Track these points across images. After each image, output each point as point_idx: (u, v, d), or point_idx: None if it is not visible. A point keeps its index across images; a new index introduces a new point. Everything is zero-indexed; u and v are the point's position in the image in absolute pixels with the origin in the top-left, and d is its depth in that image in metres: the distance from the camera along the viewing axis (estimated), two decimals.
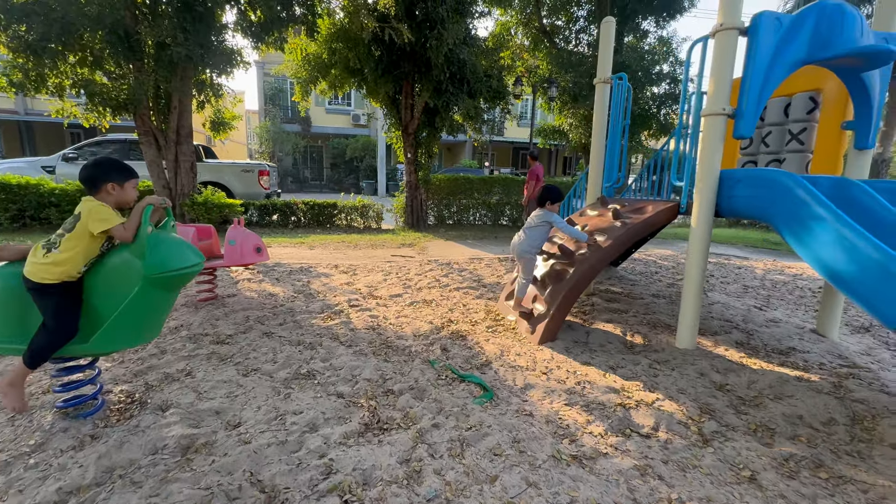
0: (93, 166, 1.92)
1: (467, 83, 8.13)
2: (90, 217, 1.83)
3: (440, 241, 8.25)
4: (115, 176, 1.92)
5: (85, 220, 1.83)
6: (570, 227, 3.33)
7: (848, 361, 3.07)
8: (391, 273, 5.30)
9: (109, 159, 1.99)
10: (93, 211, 1.84)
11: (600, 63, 4.15)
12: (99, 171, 1.91)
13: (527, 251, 3.36)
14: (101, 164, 1.93)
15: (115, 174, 1.93)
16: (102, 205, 1.88)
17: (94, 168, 1.92)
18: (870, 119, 3.05)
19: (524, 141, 27.27)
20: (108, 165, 1.94)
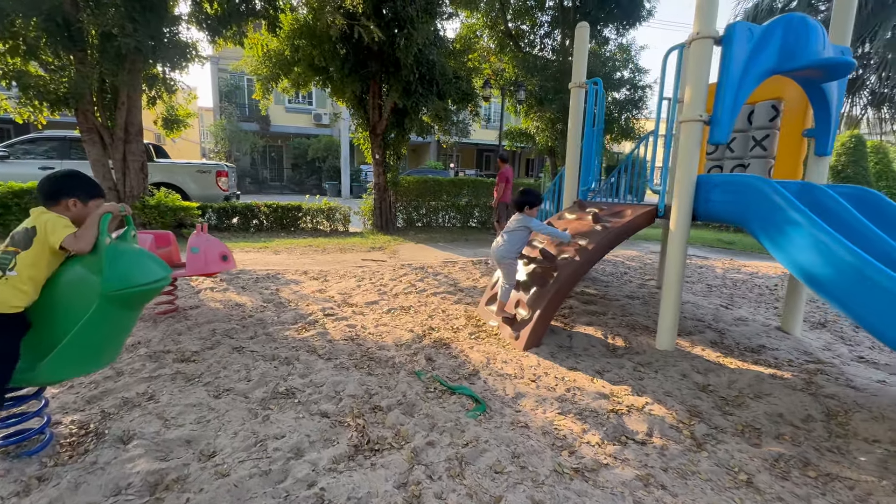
0: (60, 179, 1.73)
1: (437, 84, 8.05)
2: (49, 228, 1.61)
3: (411, 244, 8.12)
4: (81, 192, 1.74)
5: (43, 234, 1.61)
6: (550, 228, 3.32)
7: (813, 357, 3.23)
8: (364, 279, 5.12)
9: (78, 173, 1.79)
10: (50, 222, 1.62)
11: (575, 68, 4.19)
12: (64, 185, 1.71)
13: (506, 256, 3.31)
14: (69, 178, 1.74)
15: (81, 191, 1.74)
16: (59, 216, 1.66)
17: (60, 181, 1.72)
18: (829, 127, 3.22)
19: (489, 143, 27.55)
20: (76, 180, 1.75)
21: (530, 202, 3.29)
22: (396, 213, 9.83)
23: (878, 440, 2.17)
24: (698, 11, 2.86)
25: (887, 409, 2.41)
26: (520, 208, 3.31)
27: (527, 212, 3.30)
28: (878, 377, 2.92)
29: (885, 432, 2.22)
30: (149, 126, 8.65)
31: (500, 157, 8.41)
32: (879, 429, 2.25)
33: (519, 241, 3.33)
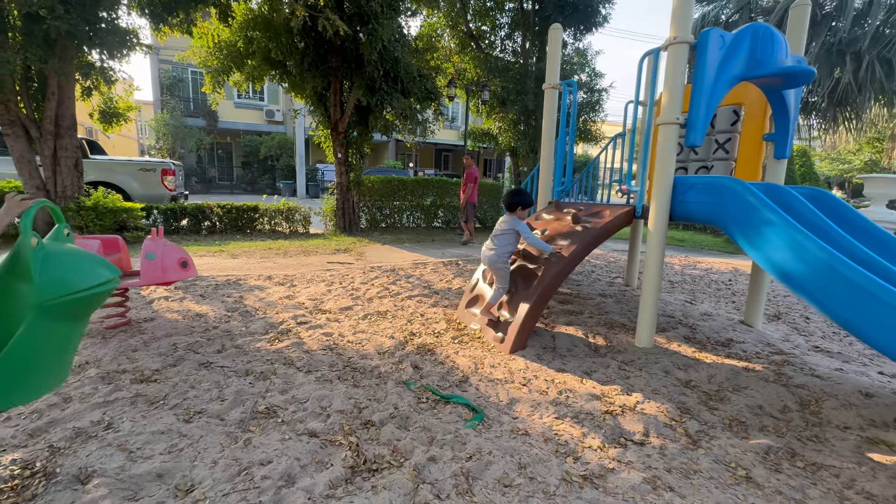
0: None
1: (401, 82, 7.89)
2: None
3: (377, 245, 7.91)
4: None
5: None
6: (537, 240, 3.29)
7: (776, 349, 3.42)
8: (334, 283, 4.90)
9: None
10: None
11: (549, 69, 4.21)
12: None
13: (497, 260, 3.26)
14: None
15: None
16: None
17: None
18: (787, 131, 3.42)
19: (448, 143, 27.60)
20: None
21: (523, 203, 3.25)
22: (360, 214, 9.56)
23: (848, 427, 2.31)
24: (674, 17, 2.93)
25: (851, 396, 2.58)
26: (511, 209, 3.27)
27: (518, 213, 3.26)
28: (835, 365, 3.13)
29: (854, 419, 2.36)
30: (81, 120, 7.86)
31: (468, 155, 8.39)
32: (848, 416, 2.39)
33: (509, 243, 3.30)
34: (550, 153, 4.33)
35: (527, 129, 11.01)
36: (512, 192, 3.29)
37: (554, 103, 4.23)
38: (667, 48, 2.99)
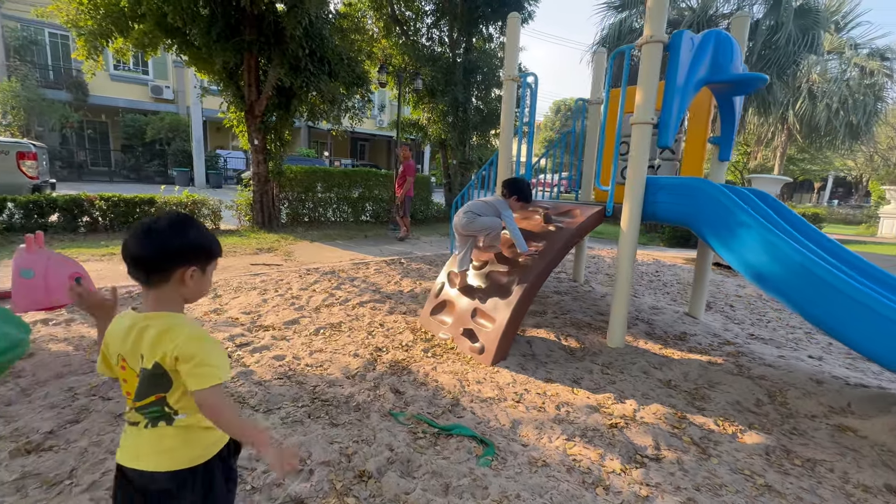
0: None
1: (328, 63, 7.18)
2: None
3: (305, 243, 7.18)
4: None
5: None
6: (519, 233, 3.13)
7: (723, 339, 3.65)
8: (268, 290, 4.26)
9: None
10: None
11: (507, 60, 4.02)
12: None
13: (469, 221, 3.17)
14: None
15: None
16: None
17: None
18: (732, 135, 3.64)
19: (365, 132, 26.58)
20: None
21: (522, 196, 3.22)
22: (280, 208, 8.65)
23: (815, 415, 2.48)
24: (650, 15, 2.90)
25: (806, 384, 2.80)
26: (506, 194, 3.22)
27: (511, 200, 3.19)
28: (776, 353, 3.42)
29: (817, 407, 2.55)
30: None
31: (404, 147, 7.94)
32: (811, 404, 2.57)
33: (487, 213, 3.20)
34: (509, 147, 4.18)
35: (456, 121, 10.86)
36: (515, 179, 3.26)
37: (512, 95, 4.06)
38: (641, 47, 2.95)
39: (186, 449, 1.00)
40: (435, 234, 9.21)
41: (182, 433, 1.00)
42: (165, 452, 0.98)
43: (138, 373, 0.97)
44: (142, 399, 0.97)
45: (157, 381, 0.96)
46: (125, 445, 1.01)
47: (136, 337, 0.97)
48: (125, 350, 0.98)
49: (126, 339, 0.98)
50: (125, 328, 0.99)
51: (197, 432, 1.02)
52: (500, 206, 3.17)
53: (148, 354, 0.95)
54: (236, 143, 20.04)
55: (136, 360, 0.97)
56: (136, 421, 0.99)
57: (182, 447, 1.00)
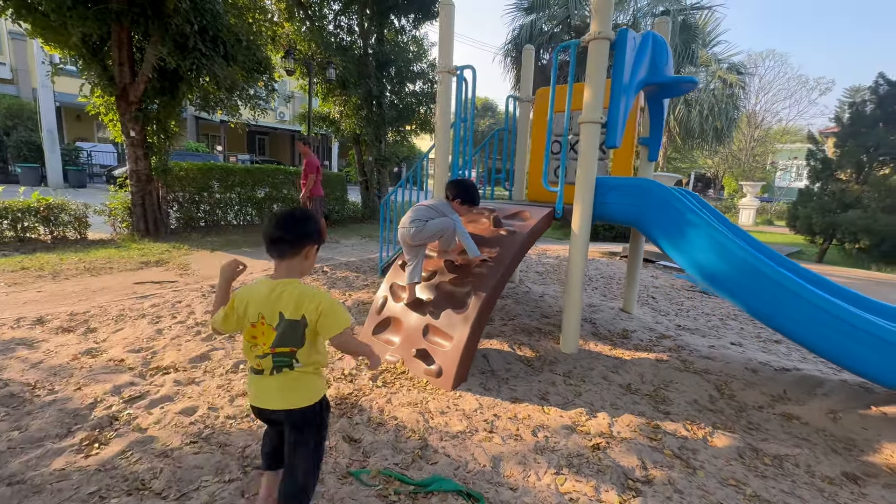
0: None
1: (223, 45, 6.21)
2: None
3: (203, 252, 6.17)
4: None
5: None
6: (470, 238, 2.86)
7: (658, 332, 3.79)
8: (163, 316, 3.46)
9: None
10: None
11: (442, 50, 3.71)
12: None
13: (417, 231, 2.83)
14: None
15: None
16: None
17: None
18: (659, 136, 3.77)
19: (265, 125, 24.49)
20: None
21: (466, 199, 2.92)
22: (168, 211, 7.39)
23: (761, 406, 2.59)
24: (596, 11, 2.80)
25: (744, 373, 2.95)
26: (449, 197, 2.93)
27: (455, 205, 2.90)
28: (706, 343, 3.62)
29: (760, 397, 2.68)
30: None
31: (301, 140, 7.09)
32: (754, 394, 2.70)
33: (433, 217, 2.89)
34: (446, 145, 3.88)
35: (370, 116, 10.31)
36: (458, 181, 2.99)
37: (448, 89, 3.78)
38: (588, 42, 2.85)
39: (303, 391, 1.34)
40: (355, 236, 8.62)
41: (298, 378, 1.33)
42: (288, 393, 1.32)
43: (275, 326, 1.29)
44: (279, 347, 1.29)
45: (295, 334, 1.29)
46: (255, 391, 1.35)
47: (276, 298, 1.29)
48: (266, 308, 1.29)
49: (267, 300, 1.29)
50: (266, 292, 1.30)
51: (310, 379, 1.36)
52: (444, 210, 2.90)
53: (292, 310, 1.29)
54: (105, 134, 17.00)
55: (274, 317, 1.29)
56: (262, 369, 1.32)
57: (299, 390, 1.34)
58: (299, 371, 1.33)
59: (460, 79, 3.83)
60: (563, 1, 10.15)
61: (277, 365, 1.31)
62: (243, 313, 1.32)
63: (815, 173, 7.47)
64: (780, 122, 23.79)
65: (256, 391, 1.36)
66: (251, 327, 1.32)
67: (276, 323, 1.29)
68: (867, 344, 2.15)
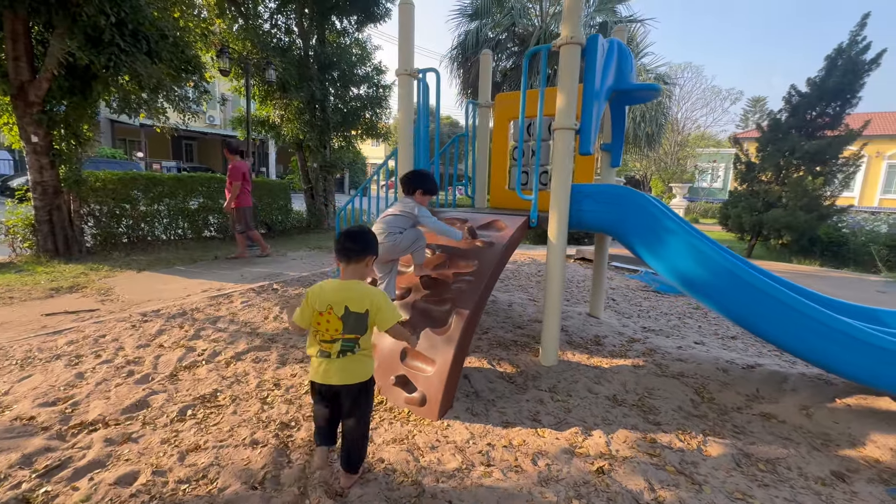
0: None
1: (146, 40, 5.53)
2: None
3: (128, 273, 5.44)
4: None
5: None
6: (442, 225, 2.74)
7: (627, 336, 3.82)
8: (84, 356, 2.93)
9: None
10: None
11: (402, 52, 3.50)
12: None
13: (394, 245, 2.64)
14: None
15: None
16: None
17: None
18: (621, 142, 3.81)
19: (194, 130, 22.73)
20: None
21: (425, 188, 2.75)
22: (83, 227, 6.47)
23: (740, 407, 2.64)
24: (567, 16, 2.74)
25: (717, 374, 3.01)
26: (409, 191, 2.73)
27: (417, 197, 2.72)
28: (673, 344, 3.70)
29: (737, 398, 2.73)
30: None
31: (227, 146, 6.47)
32: (731, 396, 2.75)
33: (405, 224, 2.71)
34: (409, 152, 3.67)
35: (314, 120, 9.80)
36: (414, 172, 2.81)
37: (410, 92, 3.57)
38: (559, 48, 2.78)
39: (360, 370, 1.72)
40: (302, 247, 8.09)
41: (358, 360, 1.70)
42: (349, 373, 1.69)
43: (341, 316, 1.64)
44: (347, 334, 1.66)
45: (360, 324, 1.67)
46: (321, 371, 1.70)
47: (343, 294, 1.66)
48: (335, 301, 1.65)
49: (336, 294, 1.66)
50: (334, 288, 1.68)
51: (365, 360, 1.74)
52: (411, 209, 2.72)
53: (357, 305, 1.65)
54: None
55: (340, 308, 1.65)
56: (329, 352, 1.67)
57: (358, 369, 1.71)
58: (359, 354, 1.69)
59: (422, 82, 3.64)
60: (506, 9, 10.29)
61: (343, 349, 1.66)
62: (315, 305, 1.66)
63: (741, 175, 8.16)
64: (698, 128, 26.06)
65: (323, 371, 1.69)
66: (318, 315, 1.65)
67: (342, 314, 1.64)
68: (840, 343, 2.23)
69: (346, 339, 1.65)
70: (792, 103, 7.76)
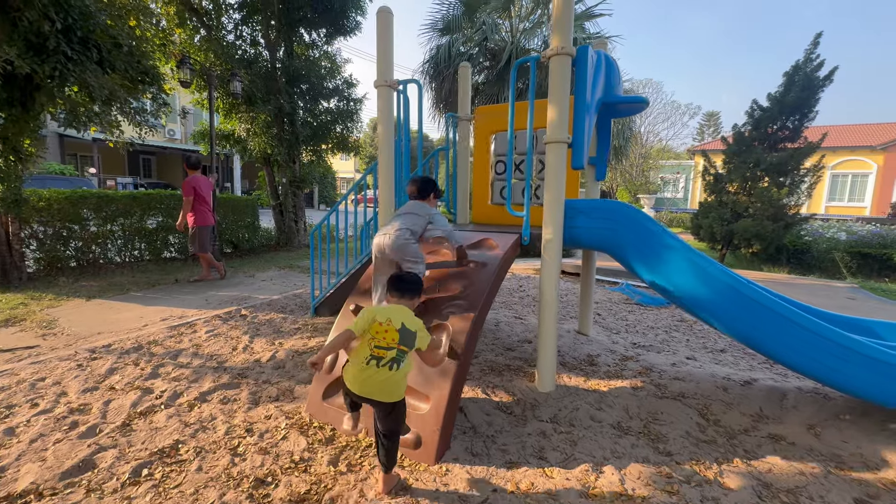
0: None
1: (98, 48, 5.11)
2: None
3: (76, 301, 4.92)
4: None
5: None
6: (450, 227, 2.68)
7: (619, 354, 3.71)
8: (17, 406, 2.52)
9: None
10: None
11: (381, 63, 3.31)
12: None
13: (407, 241, 2.49)
14: None
15: None
16: None
17: None
18: (606, 156, 3.74)
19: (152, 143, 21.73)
20: None
21: (438, 192, 2.76)
22: (24, 252, 5.86)
23: (746, 429, 2.53)
24: (557, 26, 2.63)
25: (717, 393, 2.91)
26: (422, 195, 2.69)
27: (430, 200, 2.71)
28: (668, 360, 3.60)
29: (742, 419, 2.63)
30: None
31: (186, 160, 6.07)
32: (735, 417, 2.64)
33: (418, 224, 2.60)
34: (390, 167, 3.46)
35: (282, 134, 9.44)
36: (424, 178, 2.75)
37: (390, 104, 3.37)
38: (549, 58, 2.67)
39: (396, 390, 1.81)
40: (272, 267, 7.67)
41: (398, 379, 1.81)
42: (387, 390, 1.79)
43: (398, 329, 1.81)
44: (402, 345, 1.81)
45: (411, 340, 1.83)
46: (361, 380, 1.80)
47: (401, 313, 1.87)
48: (395, 317, 1.83)
49: (396, 312, 1.87)
50: (394, 307, 1.91)
51: (403, 382, 1.84)
52: (427, 211, 2.64)
53: (410, 324, 1.85)
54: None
55: (398, 323, 1.82)
56: (382, 357, 1.78)
57: (394, 389, 1.81)
58: (400, 373, 1.80)
59: (403, 94, 3.46)
60: (477, 24, 10.33)
61: (395, 359, 1.79)
62: (371, 320, 1.82)
63: (710, 187, 8.40)
64: (660, 141, 27.12)
65: (362, 380, 1.79)
66: (378, 325, 1.80)
67: (399, 327, 1.81)
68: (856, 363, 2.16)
69: (400, 350, 1.79)
70: (754, 117, 8.08)
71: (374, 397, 1.79)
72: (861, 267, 7.83)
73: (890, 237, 8.20)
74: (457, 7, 10.83)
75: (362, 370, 1.78)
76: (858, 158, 23.00)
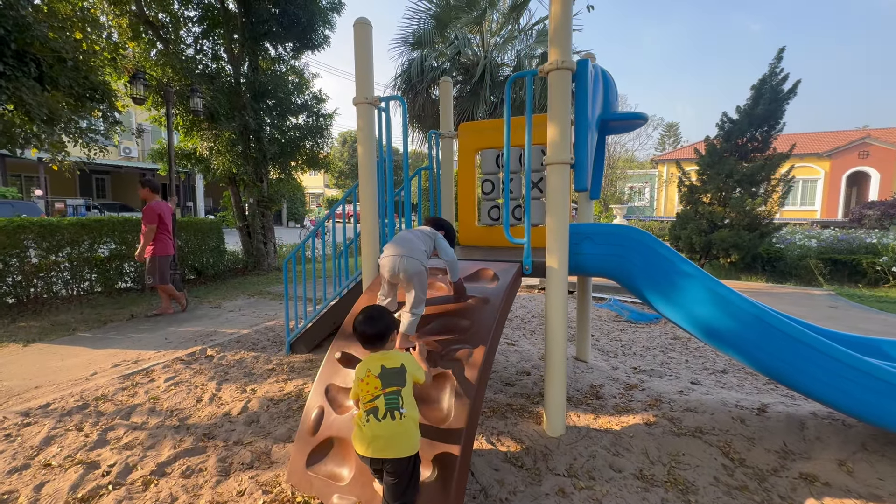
0: None
1: (37, 63, 4.59)
2: None
3: (12, 348, 4.32)
4: None
5: None
6: (456, 262, 2.41)
7: (623, 382, 3.50)
8: None
9: None
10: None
11: (360, 78, 3.03)
12: None
13: (421, 272, 2.18)
14: None
15: None
16: None
17: None
18: (601, 174, 3.57)
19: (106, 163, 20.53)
20: None
21: (450, 235, 2.56)
22: None
23: (776, 469, 2.34)
24: (556, 38, 2.43)
25: (736, 426, 2.72)
26: (435, 227, 2.52)
27: (442, 236, 2.47)
28: (675, 387, 3.41)
29: (768, 457, 2.44)
30: None
31: (143, 182, 5.55)
32: (760, 454, 2.45)
33: (427, 244, 2.33)
34: (372, 185, 3.15)
35: (248, 152, 8.96)
36: (437, 221, 2.59)
37: (371, 122, 3.09)
38: (548, 73, 2.46)
39: (406, 443, 1.65)
40: (240, 294, 7.15)
41: (404, 428, 1.65)
42: (395, 444, 1.64)
43: (377, 375, 1.71)
44: (387, 388, 1.69)
45: (398, 377, 1.72)
46: (368, 439, 1.65)
47: (378, 358, 1.78)
48: (372, 365, 1.75)
49: (372, 360, 1.77)
50: (371, 357, 1.80)
51: (412, 431, 1.69)
52: (433, 233, 2.40)
53: (392, 362, 1.75)
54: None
55: (377, 369, 1.73)
56: (376, 408, 1.66)
57: (404, 442, 1.65)
58: (406, 420, 1.67)
59: (385, 112, 3.18)
60: (449, 39, 10.23)
61: (389, 406, 1.66)
62: (356, 382, 1.77)
63: (685, 197, 8.52)
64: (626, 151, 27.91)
65: (369, 440, 1.65)
66: (360, 382, 1.73)
67: (378, 372, 1.72)
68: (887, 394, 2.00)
69: (387, 394, 1.68)
70: (725, 129, 8.27)
71: (385, 454, 1.64)
72: (833, 273, 8.06)
73: (856, 243, 8.53)
74: (428, 21, 10.71)
75: (363, 430, 1.67)
76: (808, 165, 24.32)
